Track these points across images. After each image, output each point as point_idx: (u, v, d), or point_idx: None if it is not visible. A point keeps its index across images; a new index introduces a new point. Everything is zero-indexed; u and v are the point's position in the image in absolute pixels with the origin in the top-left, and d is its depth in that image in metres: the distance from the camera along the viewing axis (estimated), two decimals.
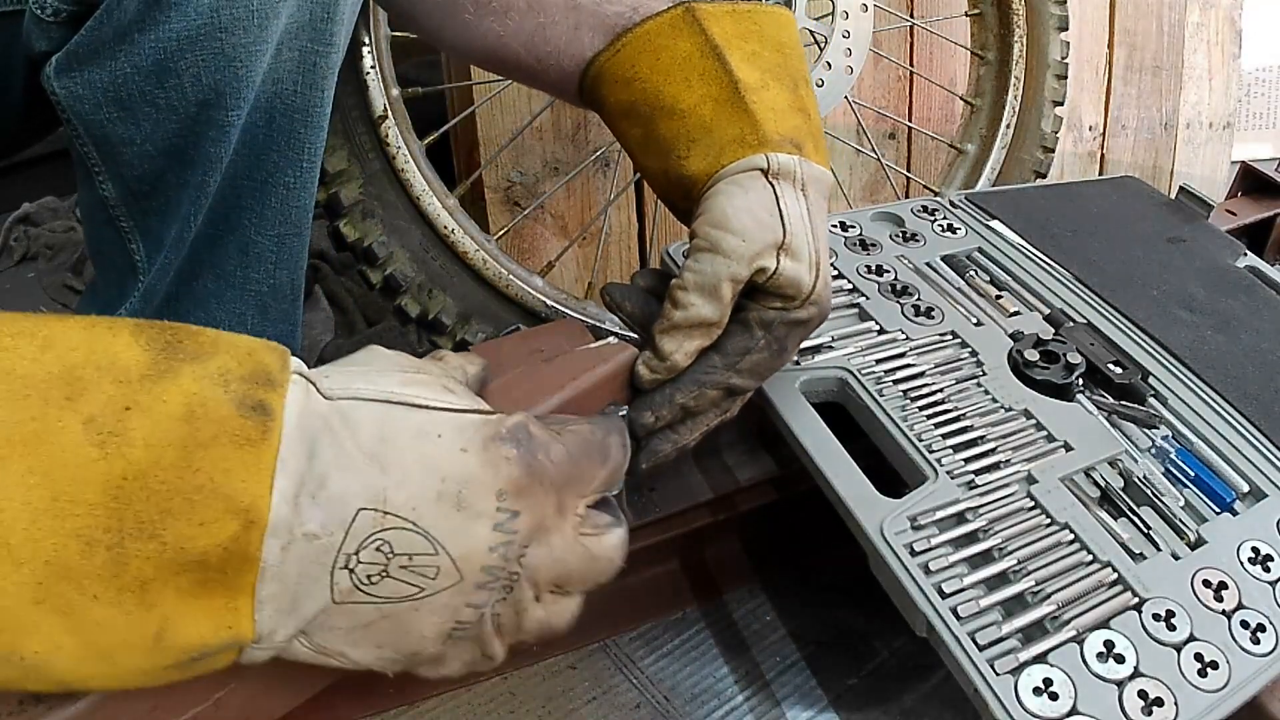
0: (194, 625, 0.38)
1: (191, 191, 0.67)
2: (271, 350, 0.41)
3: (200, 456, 0.36)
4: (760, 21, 0.67)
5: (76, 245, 1.44)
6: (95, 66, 0.61)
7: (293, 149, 0.70)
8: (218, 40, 0.60)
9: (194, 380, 0.38)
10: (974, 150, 1.32)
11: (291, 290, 0.77)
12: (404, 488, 0.40)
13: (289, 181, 0.71)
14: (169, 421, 0.36)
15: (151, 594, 0.36)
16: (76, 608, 0.36)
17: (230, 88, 0.63)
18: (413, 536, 0.40)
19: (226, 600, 0.38)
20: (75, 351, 0.37)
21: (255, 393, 0.38)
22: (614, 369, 0.59)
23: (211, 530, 0.36)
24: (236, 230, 0.72)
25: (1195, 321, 0.83)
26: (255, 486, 0.37)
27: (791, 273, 0.61)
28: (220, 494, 0.36)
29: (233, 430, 0.37)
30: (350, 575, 0.40)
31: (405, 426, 0.41)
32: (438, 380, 0.45)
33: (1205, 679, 0.56)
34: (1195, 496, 0.68)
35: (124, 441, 0.36)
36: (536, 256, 1.29)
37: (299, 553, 0.38)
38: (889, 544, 0.61)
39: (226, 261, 0.73)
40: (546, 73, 0.71)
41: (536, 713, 0.75)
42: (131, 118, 0.63)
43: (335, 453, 0.39)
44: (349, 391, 0.41)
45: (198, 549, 0.36)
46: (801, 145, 0.64)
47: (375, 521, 0.40)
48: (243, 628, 0.38)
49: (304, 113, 0.69)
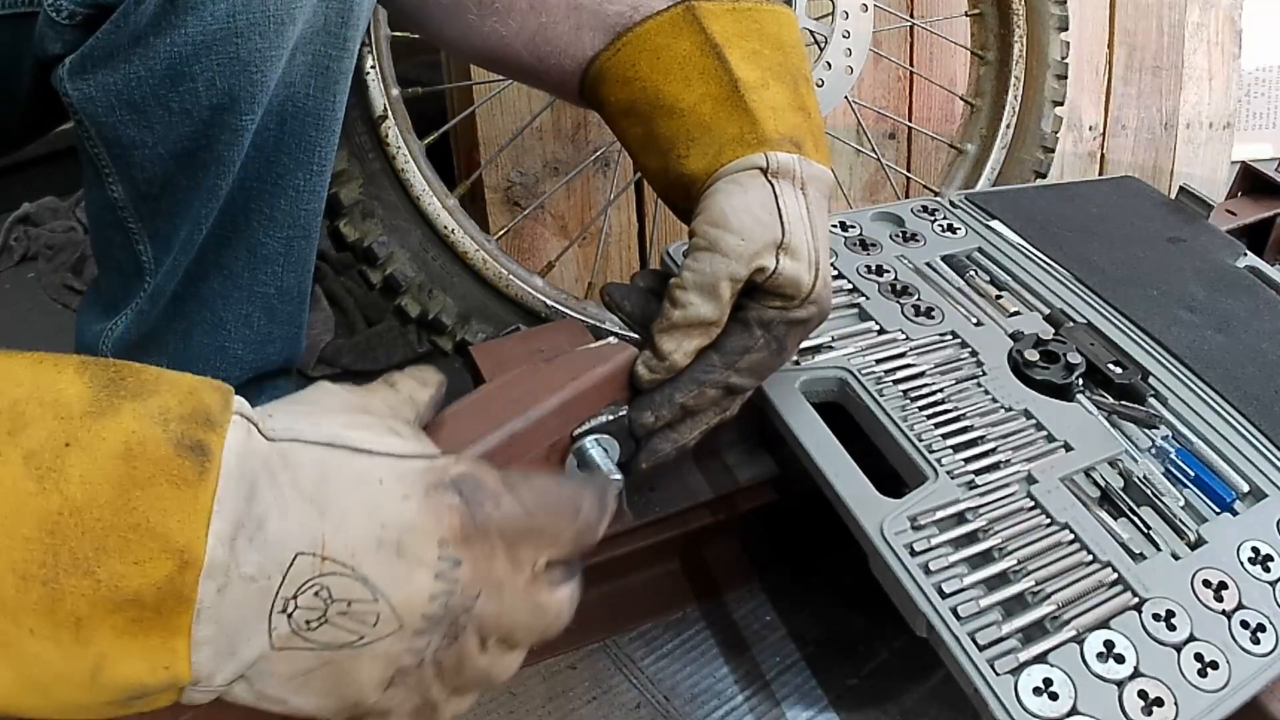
0: (130, 664, 0.37)
1: (203, 194, 0.67)
2: (214, 390, 0.41)
3: (137, 496, 0.36)
4: (761, 20, 0.67)
5: (76, 245, 1.44)
6: (109, 69, 0.61)
7: (304, 152, 0.70)
8: (233, 45, 0.60)
9: (134, 418, 0.38)
10: (974, 150, 1.32)
11: (298, 293, 0.77)
12: (342, 533, 0.40)
13: (299, 184, 0.71)
14: (107, 459, 0.37)
15: (86, 630, 0.36)
16: (12, 641, 0.36)
17: (244, 92, 0.63)
18: (351, 583, 0.40)
19: (163, 640, 0.38)
20: (20, 387, 0.37)
21: (194, 432, 0.38)
22: (614, 369, 0.59)
23: (146, 569, 0.36)
24: (245, 232, 0.72)
25: (1195, 321, 0.83)
26: (191, 527, 0.37)
27: (791, 272, 0.61)
28: (156, 533, 0.36)
29: (170, 470, 0.37)
30: (288, 620, 0.39)
31: (347, 472, 0.41)
32: (383, 422, 0.44)
33: (1205, 679, 0.56)
34: (1195, 496, 0.68)
35: (61, 478, 0.36)
36: (536, 256, 1.29)
37: (236, 595, 0.38)
38: (889, 544, 0.61)
39: (234, 263, 0.73)
40: (548, 73, 0.71)
41: (536, 713, 0.75)
42: (144, 120, 0.63)
43: (274, 495, 0.39)
44: (291, 433, 0.41)
45: (132, 587, 0.36)
46: (801, 144, 0.64)
47: (313, 566, 0.39)
48: (179, 668, 0.38)
49: (316, 116, 0.69)
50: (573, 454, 0.58)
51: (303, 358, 0.90)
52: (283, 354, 0.80)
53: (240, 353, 0.77)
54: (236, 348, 0.77)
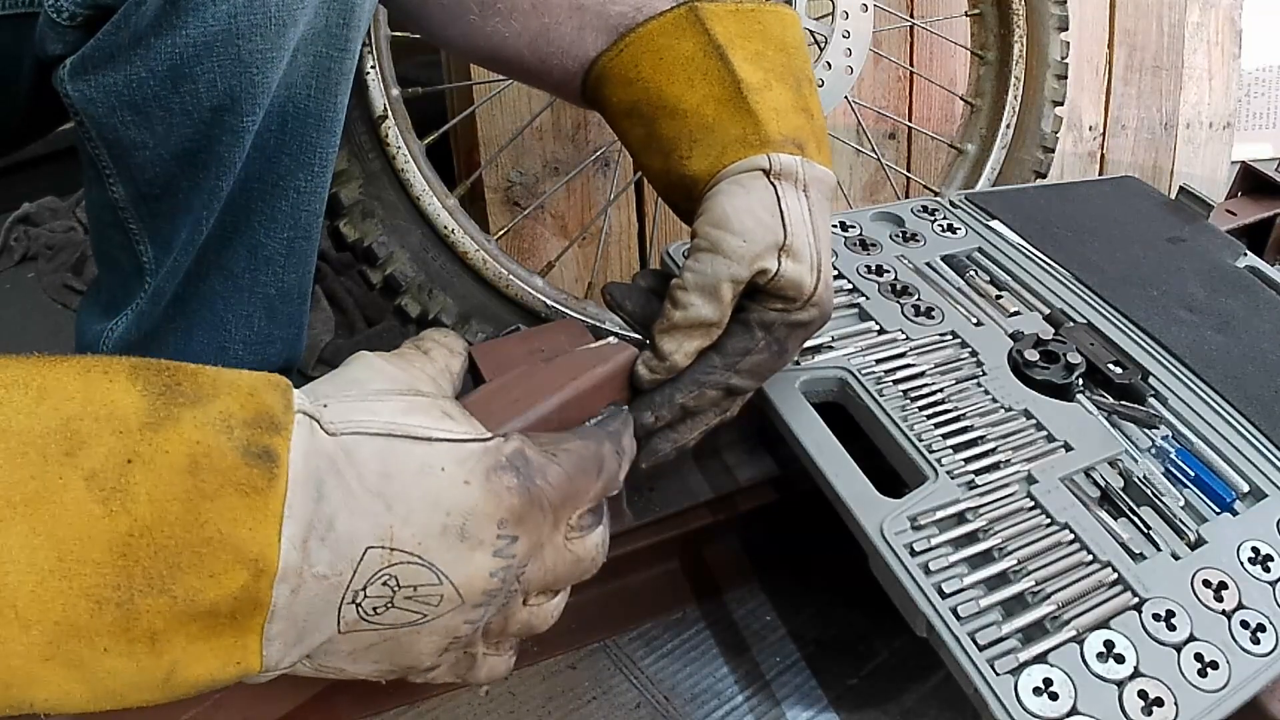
0: (204, 665, 0.38)
1: (204, 195, 0.67)
2: (274, 388, 0.41)
3: (206, 508, 0.36)
4: (764, 21, 0.67)
5: (76, 245, 1.44)
6: (110, 70, 0.61)
7: (305, 153, 0.70)
8: (234, 46, 0.60)
9: (196, 428, 0.37)
10: (974, 150, 1.32)
11: (299, 294, 0.78)
12: (410, 524, 0.41)
13: (300, 185, 0.71)
14: (172, 474, 0.36)
15: (161, 643, 0.37)
16: (87, 660, 0.36)
17: (245, 93, 0.63)
18: (418, 569, 0.41)
19: (236, 640, 0.38)
20: (72, 401, 0.36)
21: (259, 438, 0.38)
22: (614, 369, 0.59)
23: (221, 581, 0.37)
24: (246, 233, 0.72)
25: (1195, 321, 0.83)
26: (263, 535, 0.37)
27: (793, 274, 0.61)
28: (228, 545, 0.36)
29: (238, 480, 0.37)
30: (357, 609, 0.41)
31: (409, 462, 0.42)
32: (435, 405, 0.45)
33: (1205, 679, 0.56)
34: (1195, 496, 0.68)
35: (128, 497, 0.35)
36: (536, 256, 1.29)
37: (308, 594, 0.39)
38: (889, 544, 0.61)
39: (235, 264, 0.73)
40: (550, 73, 0.71)
41: (536, 713, 0.75)
42: (145, 122, 0.63)
43: (342, 494, 0.39)
44: (351, 425, 0.41)
45: (207, 600, 0.36)
46: (804, 145, 0.64)
47: (383, 559, 0.40)
48: (251, 663, 0.39)
49: (317, 117, 0.69)
50: None
51: (303, 358, 0.90)
52: (283, 354, 0.80)
53: (241, 353, 0.77)
54: (237, 348, 0.77)
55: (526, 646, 0.77)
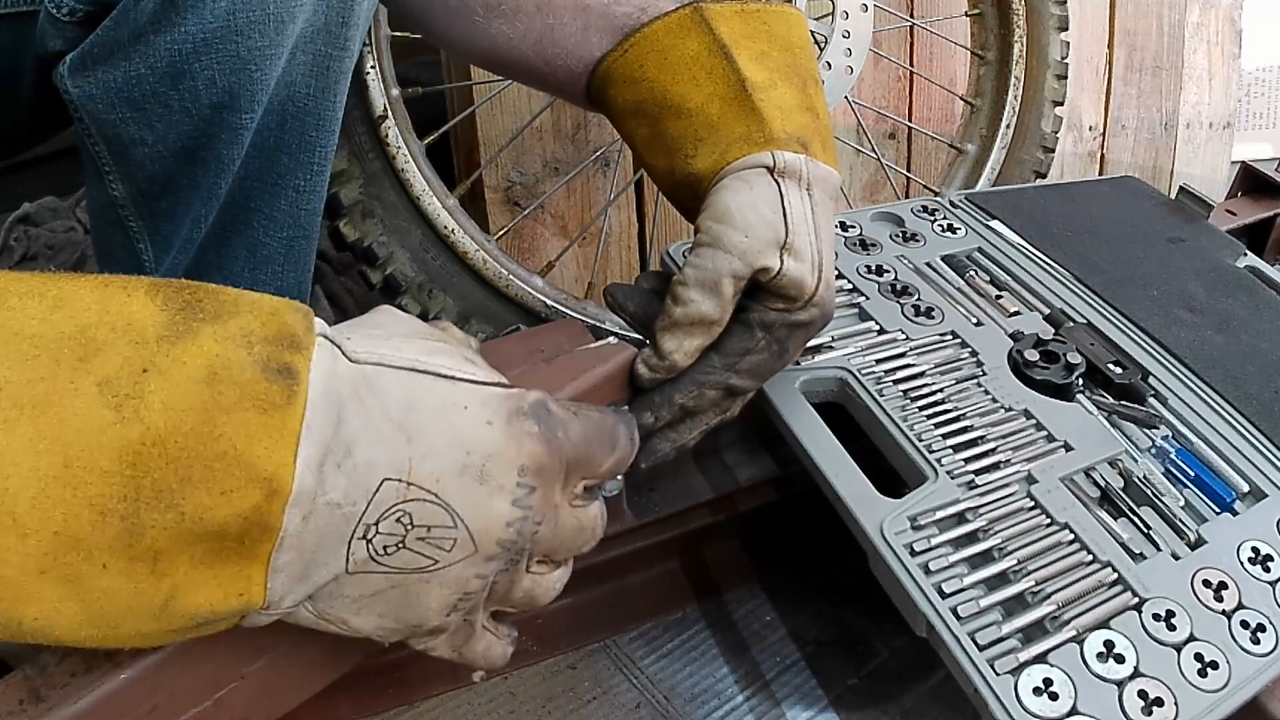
0: (205, 593, 0.37)
1: (203, 193, 0.67)
2: (295, 310, 0.40)
3: (222, 422, 0.35)
4: (769, 21, 0.67)
5: (76, 245, 1.44)
6: (109, 66, 0.61)
7: (304, 152, 0.70)
8: (233, 43, 0.60)
9: (215, 341, 0.36)
10: (974, 150, 1.32)
11: (298, 293, 0.77)
12: (429, 459, 0.40)
13: (299, 184, 0.71)
14: (189, 384, 0.35)
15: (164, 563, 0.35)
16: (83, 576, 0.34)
17: (244, 91, 0.63)
18: (434, 509, 0.40)
19: (241, 568, 0.37)
20: (88, 311, 0.35)
21: (280, 355, 0.37)
22: (614, 369, 0.59)
23: (233, 500, 0.35)
24: (245, 232, 0.72)
25: (1195, 321, 0.83)
26: (279, 454, 0.36)
27: (794, 273, 0.61)
28: (243, 462, 0.35)
29: (257, 394, 0.36)
30: (368, 545, 0.39)
31: (431, 397, 0.41)
32: (459, 350, 0.44)
33: (1205, 679, 0.56)
34: (1195, 496, 0.68)
35: (142, 405, 0.34)
36: (536, 256, 1.29)
37: (319, 522, 0.37)
38: (889, 544, 0.61)
39: (234, 263, 0.73)
40: (554, 74, 0.71)
41: (536, 713, 0.75)
42: (144, 118, 0.63)
43: (362, 421, 0.38)
44: (374, 356, 0.41)
45: (217, 519, 0.35)
46: (809, 144, 0.64)
47: (398, 493, 0.39)
48: (254, 595, 0.38)
49: (316, 116, 0.69)
50: None
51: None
52: None
53: None
54: None
55: (526, 646, 0.77)
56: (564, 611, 0.78)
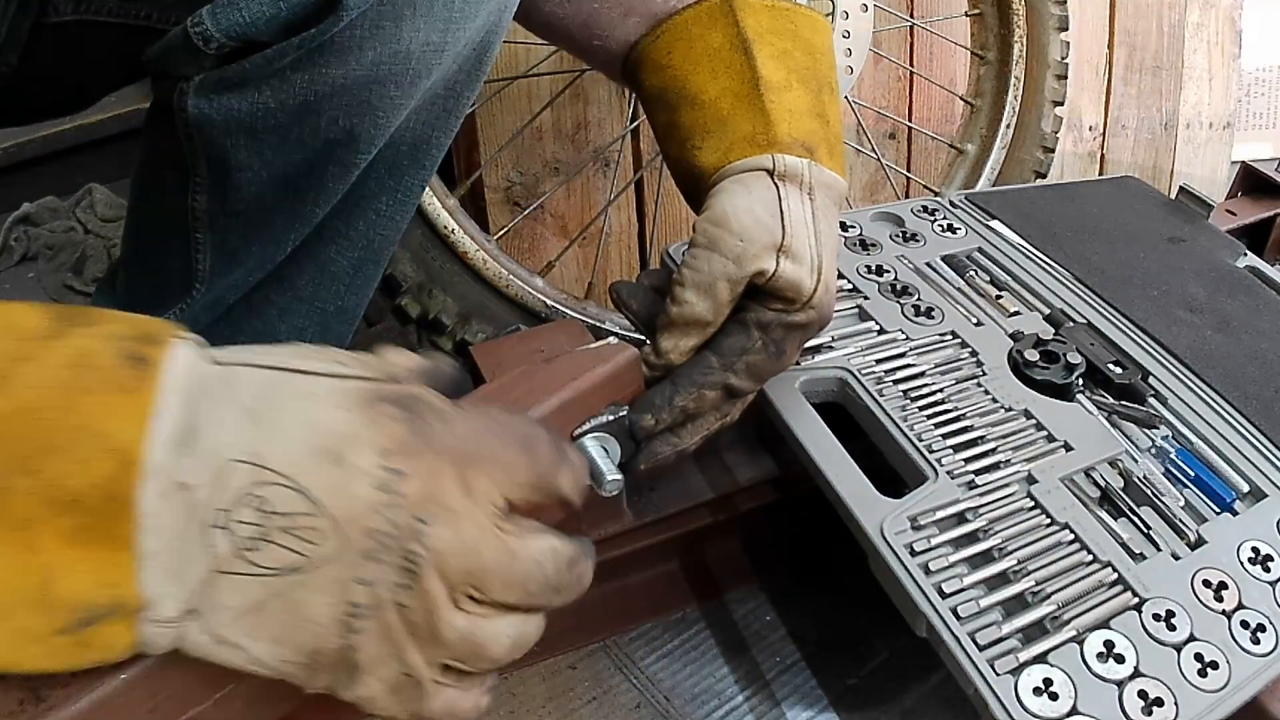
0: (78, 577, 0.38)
1: (297, 220, 0.67)
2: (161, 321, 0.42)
3: (82, 400, 0.38)
4: (796, 21, 0.68)
5: (76, 245, 1.44)
6: (238, 95, 0.60)
7: (393, 178, 0.70)
8: (369, 90, 0.60)
9: (84, 337, 0.39)
10: (974, 150, 1.32)
11: (354, 315, 0.77)
12: (277, 441, 0.39)
13: (380, 208, 0.71)
14: (57, 369, 0.38)
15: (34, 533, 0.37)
16: None
17: (365, 134, 0.63)
18: (289, 494, 0.39)
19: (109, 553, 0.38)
20: None
21: (138, 348, 0.40)
22: (614, 369, 0.59)
23: (89, 468, 0.37)
24: (318, 249, 0.71)
25: (1195, 321, 0.83)
26: (131, 429, 0.38)
27: (791, 275, 0.61)
28: (97, 433, 0.37)
29: (114, 378, 0.39)
30: (229, 536, 0.38)
31: (286, 388, 0.41)
32: (330, 353, 0.44)
33: (1205, 679, 0.56)
34: (1195, 496, 0.68)
35: (12, 385, 0.37)
36: (536, 256, 1.29)
37: (175, 504, 0.38)
38: (889, 544, 0.61)
39: (299, 277, 0.72)
40: (596, 54, 0.73)
41: (536, 713, 0.75)
42: (257, 146, 0.62)
43: (211, 407, 0.40)
44: (238, 359, 0.42)
45: (74, 486, 0.37)
46: (814, 150, 0.64)
47: (250, 475, 0.39)
48: (127, 587, 0.38)
49: (422, 151, 0.69)
50: None
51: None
52: None
53: None
54: None
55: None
56: (564, 611, 0.77)
